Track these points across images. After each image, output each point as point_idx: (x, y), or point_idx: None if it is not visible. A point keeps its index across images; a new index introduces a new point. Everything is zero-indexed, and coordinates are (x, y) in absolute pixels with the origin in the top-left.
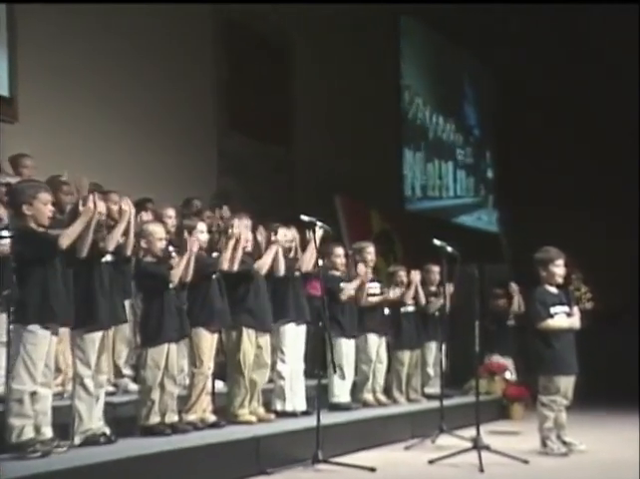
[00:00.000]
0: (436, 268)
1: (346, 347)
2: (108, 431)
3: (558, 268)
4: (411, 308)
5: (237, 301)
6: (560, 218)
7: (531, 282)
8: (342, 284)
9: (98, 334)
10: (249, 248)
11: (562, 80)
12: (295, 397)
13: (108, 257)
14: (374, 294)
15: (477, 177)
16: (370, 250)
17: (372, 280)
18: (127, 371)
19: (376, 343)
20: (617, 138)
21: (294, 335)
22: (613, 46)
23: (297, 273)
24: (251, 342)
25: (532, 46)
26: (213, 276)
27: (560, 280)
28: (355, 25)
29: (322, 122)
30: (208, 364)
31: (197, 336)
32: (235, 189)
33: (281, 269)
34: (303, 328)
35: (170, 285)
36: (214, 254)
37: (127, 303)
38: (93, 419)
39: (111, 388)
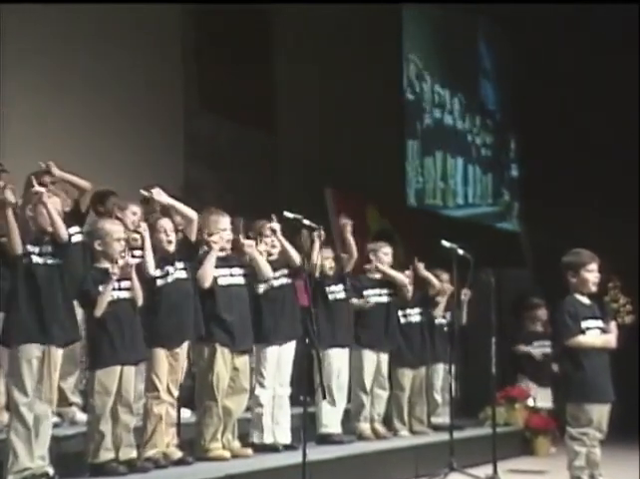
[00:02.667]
0: (445, 276)
1: (338, 362)
2: (51, 471)
3: (591, 274)
4: (415, 318)
5: (209, 312)
6: (596, 216)
7: (559, 292)
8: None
9: (35, 353)
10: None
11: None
12: (277, 428)
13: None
14: (376, 303)
15: (497, 176)
16: (387, 251)
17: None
18: (74, 398)
19: (373, 362)
20: None
21: (278, 355)
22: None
23: (287, 281)
24: (226, 363)
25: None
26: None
27: (594, 289)
28: None
29: (310, 100)
30: (167, 388)
31: (153, 356)
32: (207, 179)
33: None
34: (291, 346)
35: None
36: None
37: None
38: (32, 457)
39: (55, 419)
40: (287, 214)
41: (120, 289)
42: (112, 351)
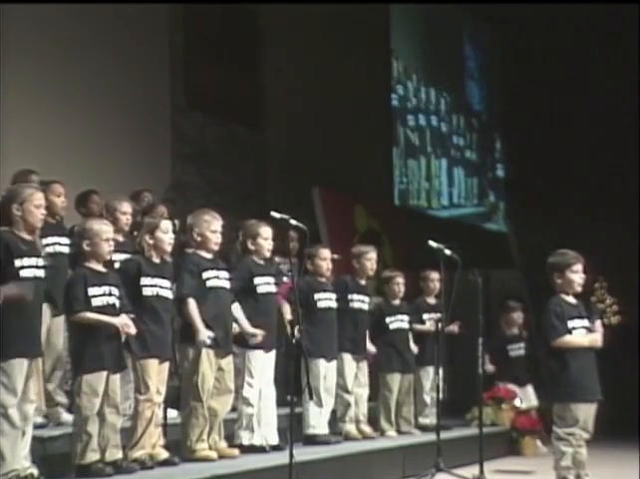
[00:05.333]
0: (435, 275)
1: (325, 369)
2: (35, 472)
3: (576, 275)
4: (404, 324)
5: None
6: (582, 217)
7: (545, 292)
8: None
9: (26, 361)
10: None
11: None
12: (265, 428)
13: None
14: (360, 310)
15: (483, 176)
16: (371, 257)
17: (357, 291)
18: (60, 398)
19: (353, 365)
20: None
21: (264, 356)
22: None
23: (272, 289)
24: (211, 363)
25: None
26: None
27: (579, 289)
28: None
29: (298, 99)
30: (157, 389)
31: (145, 362)
32: (194, 178)
33: None
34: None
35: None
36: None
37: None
38: (18, 458)
39: (40, 419)
40: (274, 214)
41: (110, 295)
42: (98, 357)
